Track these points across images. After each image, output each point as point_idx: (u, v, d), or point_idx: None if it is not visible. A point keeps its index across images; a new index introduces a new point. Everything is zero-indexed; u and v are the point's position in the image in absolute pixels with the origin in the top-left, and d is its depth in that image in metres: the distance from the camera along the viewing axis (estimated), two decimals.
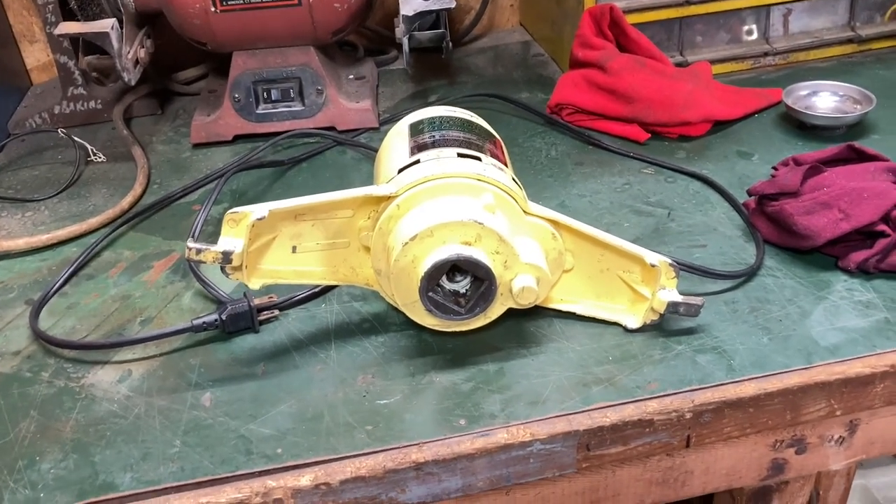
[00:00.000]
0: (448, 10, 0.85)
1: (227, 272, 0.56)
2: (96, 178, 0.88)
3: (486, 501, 0.58)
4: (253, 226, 0.55)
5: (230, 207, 0.55)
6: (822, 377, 0.56)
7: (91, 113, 0.98)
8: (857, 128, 0.83)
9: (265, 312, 0.64)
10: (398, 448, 0.53)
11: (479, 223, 0.55)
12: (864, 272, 0.63)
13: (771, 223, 0.67)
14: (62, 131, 0.90)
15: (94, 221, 0.78)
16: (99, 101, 0.97)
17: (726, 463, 0.61)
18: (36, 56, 1.07)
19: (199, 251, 0.54)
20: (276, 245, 0.58)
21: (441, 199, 0.56)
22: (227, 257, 0.54)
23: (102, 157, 0.90)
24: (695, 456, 0.60)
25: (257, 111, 0.91)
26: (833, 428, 0.62)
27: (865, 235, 0.63)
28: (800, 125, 0.84)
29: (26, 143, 0.95)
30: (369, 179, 0.70)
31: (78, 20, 0.86)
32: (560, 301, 0.62)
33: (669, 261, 0.58)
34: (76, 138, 0.89)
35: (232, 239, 0.55)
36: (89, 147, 0.90)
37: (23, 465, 0.53)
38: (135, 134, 0.94)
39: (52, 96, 1.00)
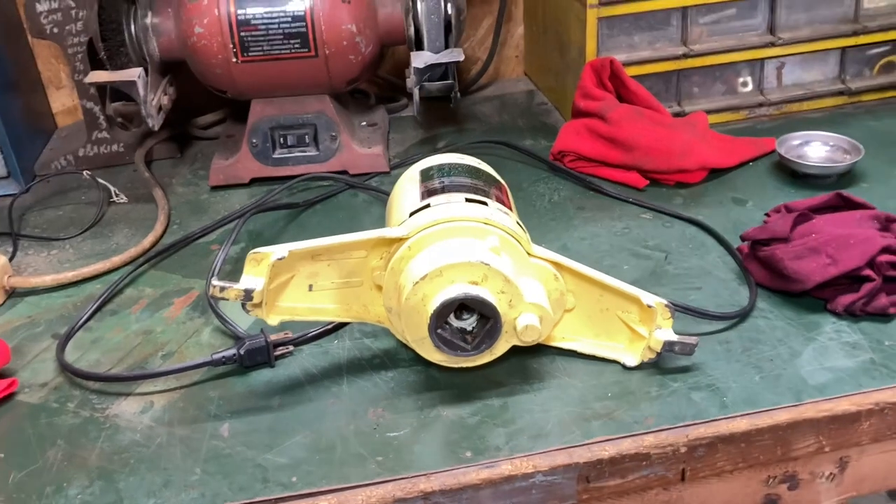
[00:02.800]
0: (457, 62, 0.90)
1: (247, 309, 0.59)
2: (118, 218, 0.91)
3: None
4: (273, 265, 0.58)
5: (248, 247, 0.58)
6: (810, 414, 0.58)
7: (113, 156, 1.02)
8: (847, 177, 0.86)
9: (280, 348, 0.67)
10: (407, 478, 0.55)
11: (486, 264, 0.58)
12: (851, 314, 0.66)
13: (763, 267, 0.70)
14: (87, 173, 0.94)
15: (117, 260, 0.81)
16: (121, 144, 1.02)
17: (721, 498, 0.63)
18: (62, 101, 1.12)
19: (222, 289, 0.57)
20: (293, 283, 0.61)
21: (450, 242, 0.60)
22: (248, 295, 0.58)
23: (125, 198, 0.94)
24: (690, 491, 0.62)
25: (274, 155, 0.95)
26: (823, 465, 0.64)
27: (852, 280, 0.66)
28: (792, 173, 0.88)
29: (51, 184, 0.99)
30: (380, 221, 0.74)
31: (106, 69, 0.91)
32: (562, 339, 0.65)
33: (665, 302, 0.62)
34: (100, 180, 0.93)
35: (253, 277, 0.58)
36: (112, 188, 0.94)
37: (51, 491, 0.56)
38: (155, 176, 0.98)
39: (76, 139, 1.04)
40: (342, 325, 0.69)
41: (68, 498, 0.56)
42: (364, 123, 1.02)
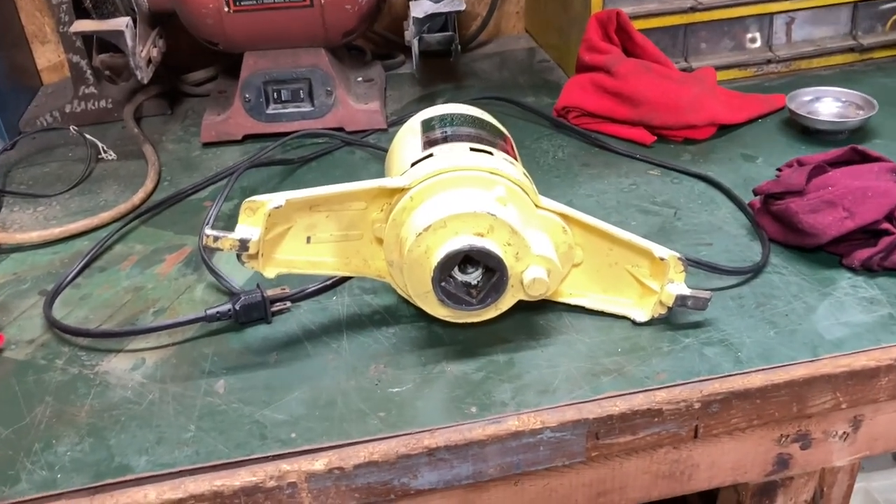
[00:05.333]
0: (458, 12, 0.87)
1: (242, 260, 0.56)
2: (107, 175, 0.88)
3: (495, 492, 0.59)
4: (269, 215, 0.56)
5: (241, 204, 0.55)
6: (827, 370, 0.57)
7: (102, 112, 0.99)
8: (860, 133, 0.84)
9: (277, 304, 0.64)
10: (411, 434, 0.53)
11: (492, 215, 0.55)
12: (867, 269, 0.64)
13: (776, 222, 0.68)
14: (74, 129, 0.90)
15: (105, 216, 0.78)
16: (109, 100, 0.98)
17: (732, 457, 0.62)
18: (47, 57, 1.08)
19: (216, 238, 0.55)
20: (290, 235, 0.59)
21: (454, 192, 0.57)
22: (243, 245, 0.55)
23: (113, 154, 0.91)
24: (701, 449, 0.61)
25: (267, 111, 0.92)
26: (837, 423, 0.62)
27: (869, 234, 0.64)
28: (803, 130, 0.85)
29: (37, 141, 0.96)
30: (378, 178, 0.71)
31: (92, 19, 0.87)
32: (569, 295, 0.63)
33: (678, 255, 0.59)
34: (87, 136, 0.90)
35: (249, 227, 0.56)
36: (100, 145, 0.91)
37: (39, 448, 0.54)
38: (145, 133, 0.95)
39: (62, 95, 1.01)
40: (341, 280, 0.67)
41: (57, 455, 0.53)
42: (360, 79, 0.99)
